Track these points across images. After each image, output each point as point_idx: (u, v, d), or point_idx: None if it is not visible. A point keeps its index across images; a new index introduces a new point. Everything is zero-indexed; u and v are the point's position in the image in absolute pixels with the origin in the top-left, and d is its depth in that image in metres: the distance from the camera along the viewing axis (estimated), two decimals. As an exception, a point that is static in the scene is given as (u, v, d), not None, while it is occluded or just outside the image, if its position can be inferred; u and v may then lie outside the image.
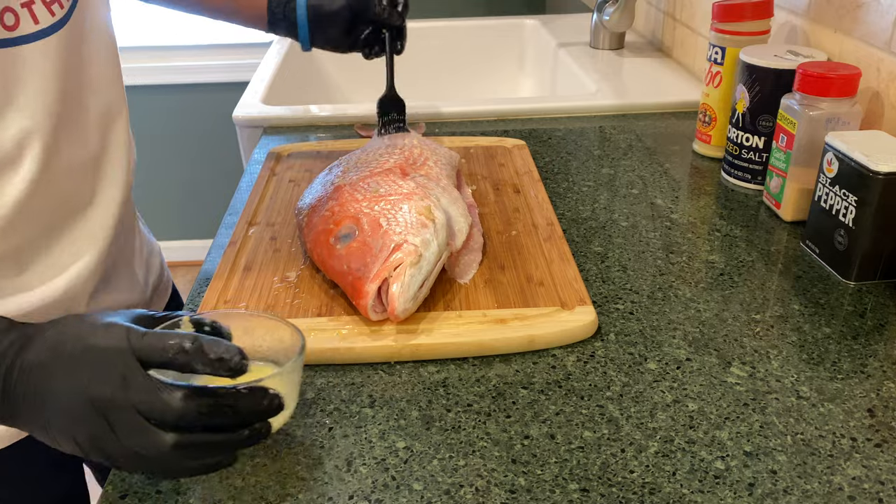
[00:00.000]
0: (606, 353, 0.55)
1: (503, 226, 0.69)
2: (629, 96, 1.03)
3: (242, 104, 1.02)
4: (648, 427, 0.48)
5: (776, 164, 0.72)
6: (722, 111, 0.84)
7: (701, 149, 0.87)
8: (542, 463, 0.45)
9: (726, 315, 0.59)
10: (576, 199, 0.77)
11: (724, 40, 0.81)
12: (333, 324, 0.56)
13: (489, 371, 0.53)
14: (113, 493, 0.44)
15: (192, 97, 2.27)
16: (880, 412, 0.49)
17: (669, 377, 0.52)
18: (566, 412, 0.49)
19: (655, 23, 1.27)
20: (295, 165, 0.83)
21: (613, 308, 0.60)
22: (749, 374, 0.52)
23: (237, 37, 2.30)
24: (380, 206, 0.59)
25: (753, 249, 0.68)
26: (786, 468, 0.45)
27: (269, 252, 0.65)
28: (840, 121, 0.67)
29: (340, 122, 0.99)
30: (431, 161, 0.70)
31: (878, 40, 0.71)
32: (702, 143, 0.87)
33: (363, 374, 0.53)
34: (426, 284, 0.55)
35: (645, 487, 0.44)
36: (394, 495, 0.43)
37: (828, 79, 0.66)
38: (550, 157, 0.87)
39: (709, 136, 0.86)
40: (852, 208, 0.61)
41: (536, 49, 1.42)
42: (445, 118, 1.00)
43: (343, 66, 1.46)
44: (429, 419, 0.49)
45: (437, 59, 1.48)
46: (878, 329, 0.57)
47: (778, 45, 0.78)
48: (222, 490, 0.44)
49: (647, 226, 0.72)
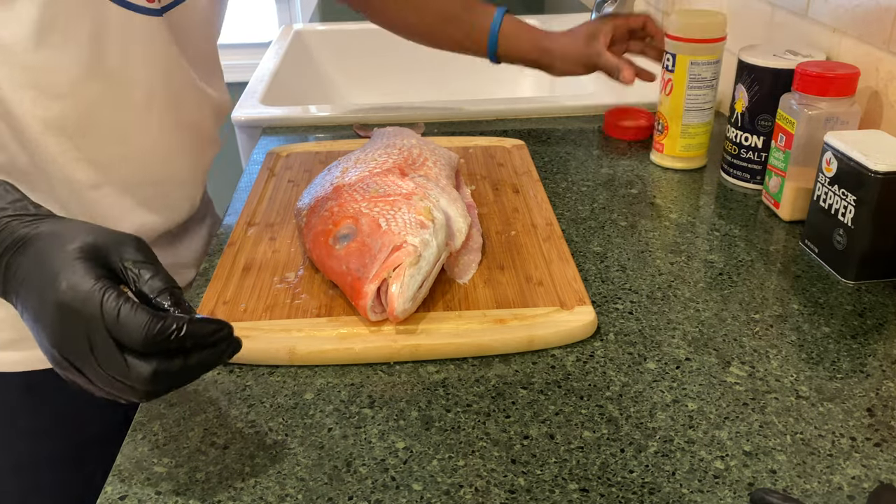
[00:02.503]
0: (606, 352, 0.55)
1: (502, 226, 0.69)
2: (628, 96, 1.03)
3: (241, 104, 1.02)
4: (648, 427, 0.48)
5: (775, 163, 0.72)
6: (673, 120, 0.81)
7: (656, 158, 0.85)
8: (541, 463, 0.45)
9: (725, 315, 0.59)
10: (575, 198, 0.77)
11: (677, 47, 0.79)
12: (332, 324, 0.56)
13: (489, 371, 0.53)
14: (112, 493, 0.44)
15: (191, 97, 2.26)
16: (879, 411, 0.49)
17: (669, 377, 0.52)
18: (566, 412, 0.49)
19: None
20: (294, 166, 0.83)
21: (613, 308, 0.60)
22: (748, 374, 0.52)
23: (237, 37, 2.30)
24: (379, 207, 0.59)
25: (752, 249, 0.68)
26: (785, 468, 0.45)
27: (269, 252, 0.65)
28: (839, 120, 0.67)
29: (339, 123, 0.99)
30: (430, 161, 0.70)
31: (877, 39, 0.71)
32: (656, 151, 0.85)
33: (363, 375, 0.53)
34: (425, 285, 0.55)
35: (644, 487, 0.44)
36: (393, 495, 0.43)
37: (826, 78, 0.66)
38: (549, 157, 0.87)
39: (661, 144, 0.84)
40: (851, 208, 0.61)
41: (535, 49, 1.42)
42: (445, 118, 1.00)
43: (342, 66, 1.46)
44: (428, 419, 0.49)
45: (437, 58, 1.47)
46: (877, 328, 0.57)
47: (776, 44, 0.78)
48: (222, 490, 0.44)
49: (646, 225, 0.72)
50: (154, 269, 0.42)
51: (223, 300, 0.59)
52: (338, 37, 1.44)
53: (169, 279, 0.42)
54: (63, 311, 0.40)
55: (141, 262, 0.42)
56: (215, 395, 0.51)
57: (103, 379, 0.40)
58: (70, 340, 0.40)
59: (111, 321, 0.39)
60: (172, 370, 0.40)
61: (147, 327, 0.39)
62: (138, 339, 0.39)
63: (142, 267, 0.42)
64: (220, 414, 0.50)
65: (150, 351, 0.39)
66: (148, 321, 0.39)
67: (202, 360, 0.41)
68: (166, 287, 0.42)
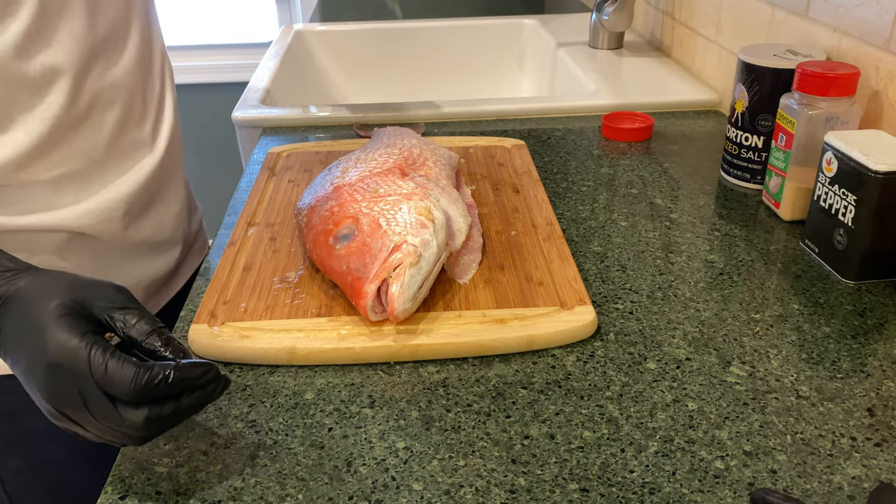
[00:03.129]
0: (606, 352, 0.55)
1: (502, 226, 0.69)
2: (628, 96, 1.03)
3: (241, 105, 1.02)
4: (648, 427, 0.48)
5: (775, 163, 0.72)
6: None
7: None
8: (541, 463, 0.45)
9: (726, 314, 0.59)
10: (575, 198, 0.77)
11: None
12: (333, 324, 0.56)
13: (489, 371, 0.53)
14: (112, 493, 0.44)
15: (191, 97, 2.26)
16: (880, 411, 0.49)
17: (669, 377, 0.52)
18: (566, 412, 0.49)
19: (654, 22, 1.27)
20: (294, 166, 0.83)
21: (613, 308, 0.60)
22: (749, 374, 0.52)
23: (237, 37, 2.30)
24: (379, 207, 0.59)
25: (753, 249, 0.68)
26: (785, 468, 0.45)
27: (269, 252, 0.65)
28: (839, 120, 0.67)
29: (339, 123, 0.99)
30: (431, 161, 0.70)
31: (878, 39, 0.71)
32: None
33: (363, 375, 0.53)
34: (426, 285, 0.55)
35: (645, 487, 0.44)
36: (394, 495, 0.43)
37: (827, 78, 0.66)
38: (550, 157, 0.87)
39: None
40: (851, 207, 0.61)
41: (536, 49, 1.42)
42: (445, 118, 1.00)
43: (342, 66, 1.46)
44: (428, 419, 0.49)
45: (437, 58, 1.48)
46: (877, 328, 0.57)
47: (777, 44, 0.78)
48: (222, 490, 0.44)
49: (646, 225, 0.72)
50: (139, 312, 0.44)
51: (223, 300, 0.59)
52: (338, 37, 1.44)
53: (154, 320, 0.44)
54: (53, 371, 0.41)
55: (124, 308, 0.44)
56: (215, 394, 0.51)
57: (98, 428, 0.42)
58: (63, 397, 0.41)
59: (100, 376, 0.40)
60: (164, 415, 0.41)
61: (135, 379, 0.40)
62: (127, 390, 0.40)
63: (126, 313, 0.43)
64: (221, 414, 0.50)
65: (140, 400, 0.41)
66: (135, 373, 0.40)
67: (192, 402, 0.42)
68: (153, 329, 0.43)
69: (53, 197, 0.65)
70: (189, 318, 0.59)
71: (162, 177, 0.75)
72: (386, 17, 1.56)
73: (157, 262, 0.76)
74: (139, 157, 0.72)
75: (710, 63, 1.06)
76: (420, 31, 1.45)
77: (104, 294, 0.44)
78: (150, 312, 0.44)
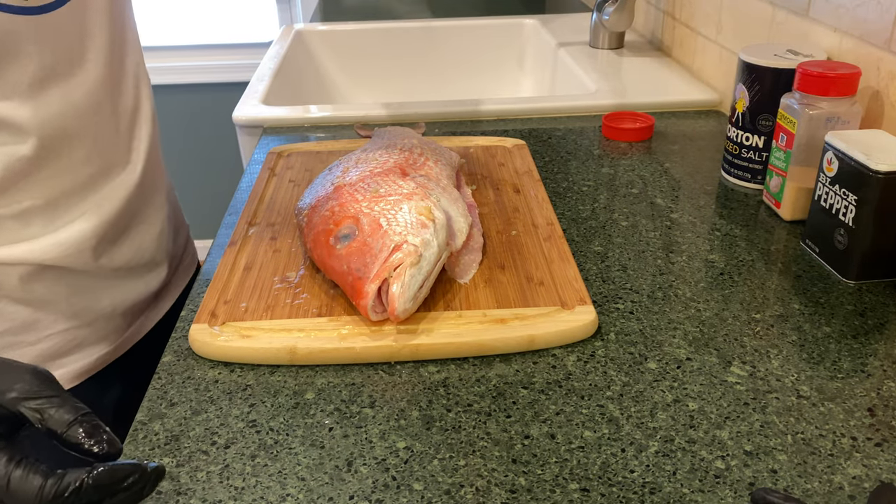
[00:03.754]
0: (606, 352, 0.55)
1: (503, 225, 0.69)
2: (629, 96, 1.03)
3: (242, 104, 1.02)
4: (649, 427, 0.48)
5: (776, 163, 0.72)
6: None
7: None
8: (542, 463, 0.45)
9: (726, 314, 0.59)
10: (575, 198, 0.77)
11: None
12: (333, 324, 0.56)
13: (489, 371, 0.53)
14: (113, 493, 0.44)
15: (191, 97, 2.27)
16: (881, 411, 0.49)
17: (670, 377, 0.52)
18: (566, 412, 0.49)
19: (655, 22, 1.27)
20: (295, 166, 0.83)
21: (613, 308, 0.60)
22: (749, 374, 0.52)
23: (237, 37, 2.30)
24: (380, 207, 0.59)
25: (753, 249, 0.68)
26: (786, 467, 0.45)
27: (269, 252, 0.65)
28: (840, 120, 0.67)
29: (340, 123, 0.99)
30: (431, 161, 0.70)
31: (878, 39, 0.71)
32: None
33: (363, 374, 0.53)
34: (426, 284, 0.55)
35: (645, 487, 0.44)
36: (394, 495, 0.43)
37: (827, 78, 0.66)
38: (550, 157, 0.87)
39: None
40: (852, 207, 0.61)
41: (536, 49, 1.42)
42: (445, 118, 1.00)
43: (343, 66, 1.46)
44: (429, 419, 0.49)
45: (437, 58, 1.48)
46: (878, 328, 0.57)
47: (777, 44, 0.78)
48: (222, 490, 0.44)
49: (646, 225, 0.72)
50: (58, 400, 0.39)
51: (224, 300, 0.59)
52: (338, 37, 1.44)
53: (77, 407, 0.39)
54: None
55: (41, 396, 0.39)
56: (216, 394, 0.51)
57: None
58: None
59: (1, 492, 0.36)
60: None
61: (40, 495, 0.36)
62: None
63: (43, 403, 0.39)
64: (221, 414, 0.50)
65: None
66: (40, 487, 0.36)
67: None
68: (75, 418, 0.38)
69: (20, 230, 0.62)
70: (189, 317, 0.59)
71: (140, 198, 0.71)
72: (386, 16, 1.56)
73: (136, 287, 0.73)
74: (112, 181, 0.68)
75: (711, 63, 1.06)
76: (420, 30, 1.45)
77: (15, 384, 0.39)
78: (71, 398, 0.39)
